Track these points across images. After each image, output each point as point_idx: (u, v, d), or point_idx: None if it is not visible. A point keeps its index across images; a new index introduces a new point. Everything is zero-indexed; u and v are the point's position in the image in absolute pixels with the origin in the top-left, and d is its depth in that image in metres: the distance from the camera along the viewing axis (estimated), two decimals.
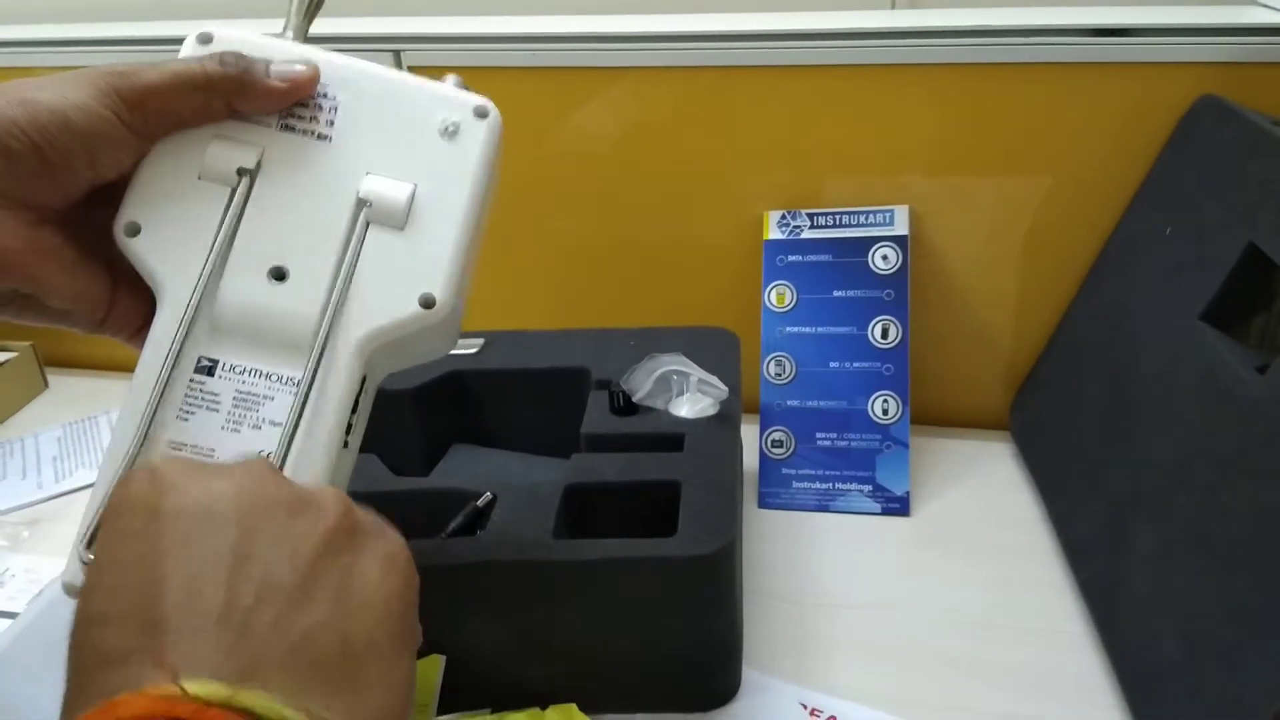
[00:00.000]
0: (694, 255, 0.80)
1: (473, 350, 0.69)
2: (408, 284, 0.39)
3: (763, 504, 0.73)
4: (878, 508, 0.72)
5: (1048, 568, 0.64)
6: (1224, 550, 0.47)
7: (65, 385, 0.93)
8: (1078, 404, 0.69)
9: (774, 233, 0.76)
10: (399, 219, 0.39)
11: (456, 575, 0.50)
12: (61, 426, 0.86)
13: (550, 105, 0.76)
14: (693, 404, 0.61)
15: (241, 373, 0.38)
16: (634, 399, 0.62)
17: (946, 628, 0.60)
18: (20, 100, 0.35)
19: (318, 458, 0.37)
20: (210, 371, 0.38)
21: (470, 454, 0.69)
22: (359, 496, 0.33)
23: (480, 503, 0.55)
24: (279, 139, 0.39)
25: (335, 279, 0.38)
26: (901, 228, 0.74)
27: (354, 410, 0.39)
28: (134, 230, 0.38)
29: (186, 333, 0.37)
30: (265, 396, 0.38)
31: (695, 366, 0.62)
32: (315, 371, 0.37)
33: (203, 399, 0.38)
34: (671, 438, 0.59)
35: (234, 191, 0.38)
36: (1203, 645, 0.48)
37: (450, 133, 0.40)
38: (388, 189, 0.39)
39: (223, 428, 0.37)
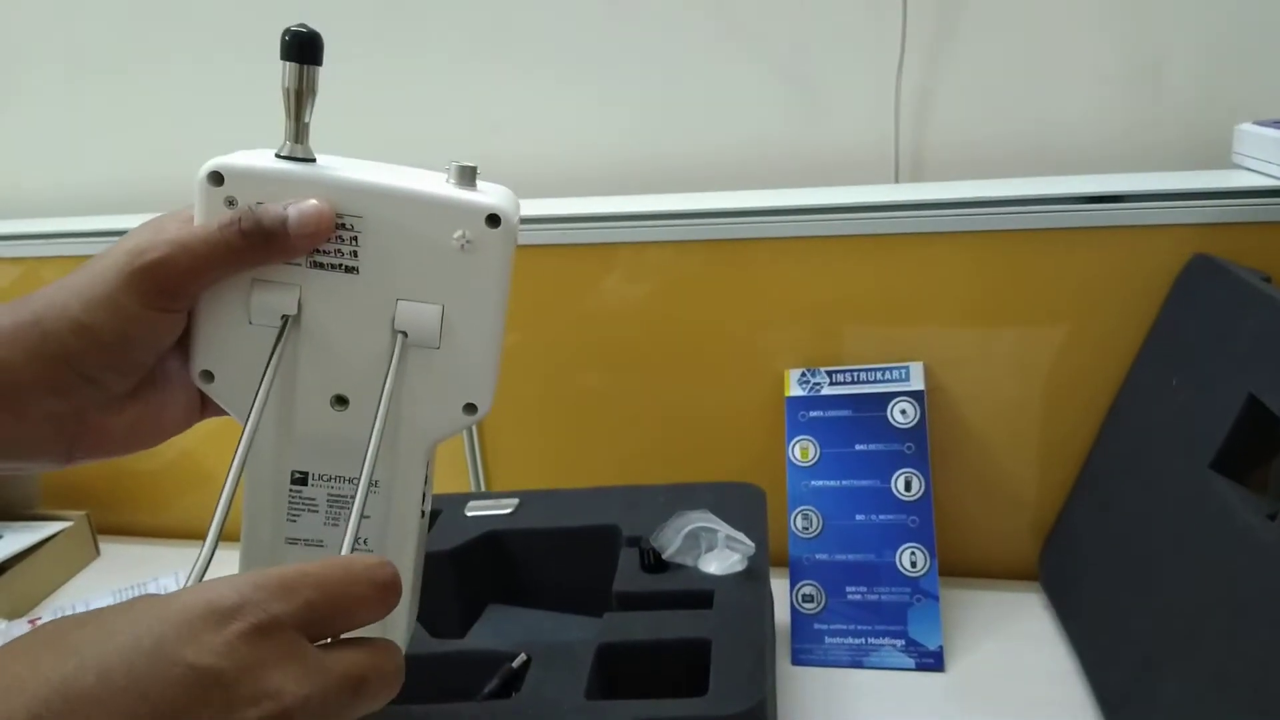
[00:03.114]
0: (719, 412, 0.84)
1: (508, 510, 0.72)
2: (452, 397, 0.43)
3: (796, 660, 0.73)
4: (912, 663, 0.72)
5: None
6: (1249, 698, 0.47)
7: (116, 553, 0.97)
8: (1102, 553, 0.69)
9: (795, 389, 0.80)
10: (433, 340, 0.42)
11: None
12: (111, 594, 0.88)
13: (581, 276, 0.82)
14: (721, 560, 0.63)
15: (329, 480, 0.44)
16: (663, 556, 0.64)
17: None
18: (75, 325, 0.38)
19: (408, 533, 0.45)
20: (304, 481, 0.44)
21: (505, 614, 0.70)
22: None
23: (515, 664, 0.57)
24: (311, 276, 0.42)
25: (387, 405, 0.42)
26: (917, 383, 0.76)
27: (424, 493, 0.45)
28: (209, 378, 0.43)
29: (283, 457, 0.43)
30: (351, 496, 0.43)
31: (722, 523, 0.64)
32: (372, 481, 0.41)
33: (303, 503, 0.44)
34: (701, 595, 0.60)
35: (282, 331, 0.42)
36: None
37: (466, 248, 0.41)
38: (418, 316, 0.42)
39: (324, 524, 0.44)
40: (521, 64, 0.86)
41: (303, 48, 0.39)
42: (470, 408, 0.43)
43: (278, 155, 0.41)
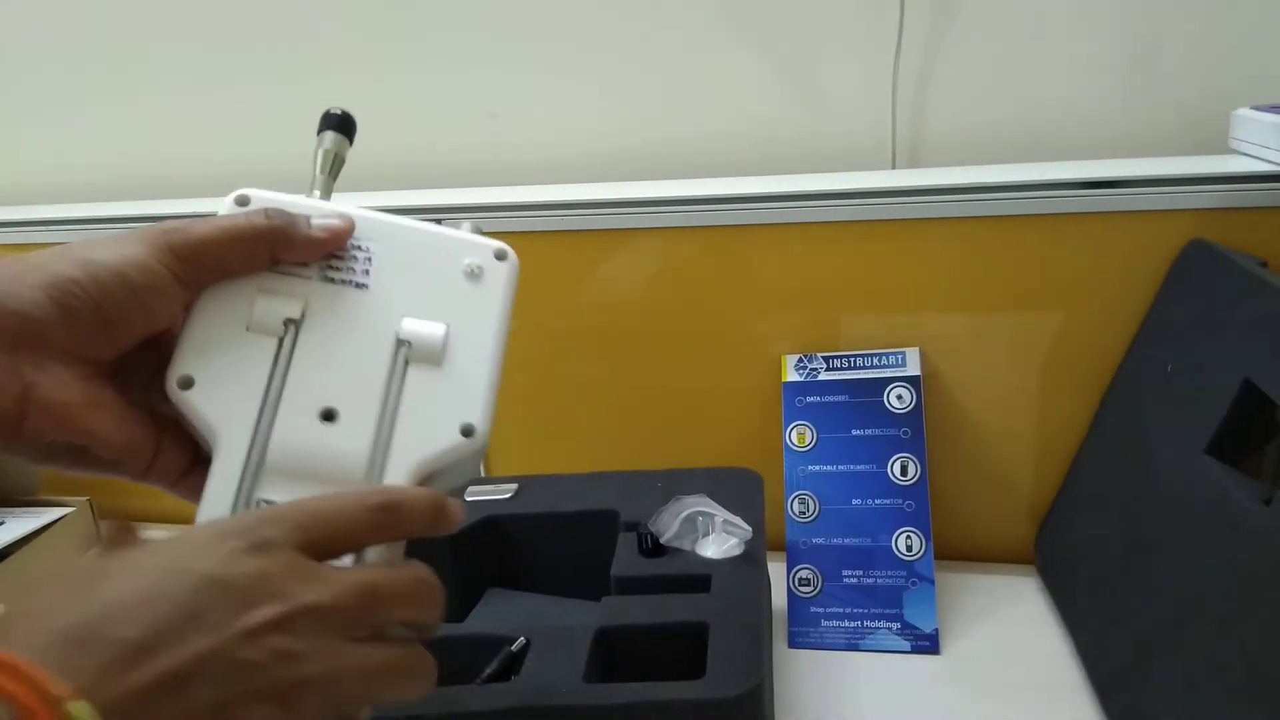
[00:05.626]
0: (717, 398, 0.84)
1: (507, 495, 0.72)
2: (449, 416, 0.42)
3: (793, 644, 0.74)
4: (907, 646, 0.72)
5: (1079, 705, 0.64)
6: (1244, 681, 0.48)
7: None
8: (1098, 538, 0.70)
9: (792, 375, 0.80)
10: (436, 357, 0.42)
11: None
12: None
13: (580, 263, 0.82)
14: (718, 544, 0.63)
15: None
16: (661, 540, 0.64)
17: None
18: (79, 260, 0.37)
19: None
20: None
21: (505, 598, 0.71)
22: None
23: (514, 648, 0.57)
24: (320, 289, 0.42)
25: (381, 416, 0.41)
26: (914, 368, 0.77)
27: None
28: (187, 383, 0.39)
29: (254, 479, 0.39)
30: None
31: (719, 507, 0.65)
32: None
33: None
34: (699, 578, 0.61)
35: (281, 341, 0.41)
36: None
37: (474, 275, 0.44)
38: (424, 329, 0.42)
39: None
40: (520, 51, 0.85)
41: (342, 122, 0.46)
42: (467, 430, 0.42)
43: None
